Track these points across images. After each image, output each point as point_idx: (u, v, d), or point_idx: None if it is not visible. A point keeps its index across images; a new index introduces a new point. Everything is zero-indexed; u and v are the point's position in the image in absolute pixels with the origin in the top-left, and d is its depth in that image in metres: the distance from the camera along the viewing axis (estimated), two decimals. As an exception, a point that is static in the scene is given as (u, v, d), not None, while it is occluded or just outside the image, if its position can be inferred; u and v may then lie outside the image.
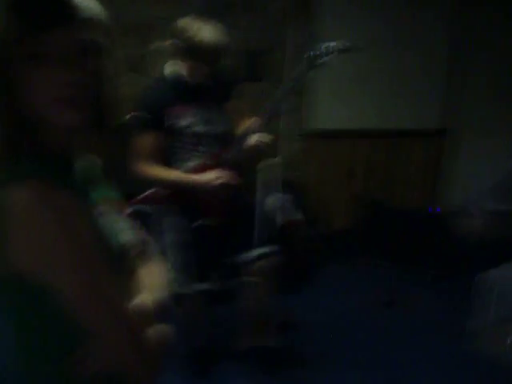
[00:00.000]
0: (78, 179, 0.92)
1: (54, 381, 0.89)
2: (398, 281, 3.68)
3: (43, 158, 0.84)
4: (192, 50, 2.14)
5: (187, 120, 2.32)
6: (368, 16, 4.03)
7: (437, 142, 4.45)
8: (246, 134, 2.32)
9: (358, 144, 4.29)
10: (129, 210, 1.15)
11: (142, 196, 2.41)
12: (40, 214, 0.76)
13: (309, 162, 4.22)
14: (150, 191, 2.42)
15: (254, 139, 2.29)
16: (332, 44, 2.16)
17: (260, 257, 2.47)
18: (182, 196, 2.37)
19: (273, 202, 3.87)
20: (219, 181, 2.31)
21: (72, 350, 0.86)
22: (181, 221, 2.34)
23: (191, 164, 2.38)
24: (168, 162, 2.38)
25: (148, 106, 2.26)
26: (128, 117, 3.30)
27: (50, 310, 0.83)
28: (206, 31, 2.13)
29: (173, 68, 2.31)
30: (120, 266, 0.96)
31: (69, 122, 0.83)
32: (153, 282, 1.01)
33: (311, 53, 2.25)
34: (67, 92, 0.80)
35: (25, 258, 0.77)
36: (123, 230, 1.00)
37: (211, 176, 2.31)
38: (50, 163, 0.84)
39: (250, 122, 2.32)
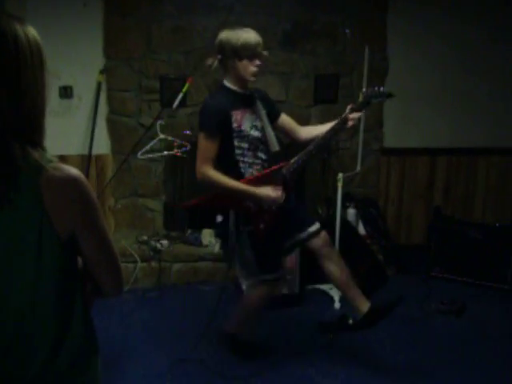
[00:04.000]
0: None
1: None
2: (470, 293, 3.70)
3: None
4: (242, 50, 2.40)
5: (247, 124, 2.51)
6: (443, 41, 4.20)
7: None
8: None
9: (435, 162, 4.41)
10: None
11: (197, 199, 2.59)
12: None
13: (387, 177, 4.38)
14: (206, 195, 2.55)
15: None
16: (382, 88, 2.50)
17: (313, 234, 2.71)
18: (236, 203, 2.53)
19: (354, 213, 4.07)
20: (278, 201, 2.50)
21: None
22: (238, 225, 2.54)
23: (250, 172, 2.54)
24: (228, 163, 2.50)
25: (215, 111, 2.45)
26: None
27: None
28: (245, 33, 2.43)
29: (226, 81, 2.54)
30: None
31: None
32: None
33: (368, 91, 2.54)
34: None
35: None
36: None
37: (271, 194, 2.48)
38: None
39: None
